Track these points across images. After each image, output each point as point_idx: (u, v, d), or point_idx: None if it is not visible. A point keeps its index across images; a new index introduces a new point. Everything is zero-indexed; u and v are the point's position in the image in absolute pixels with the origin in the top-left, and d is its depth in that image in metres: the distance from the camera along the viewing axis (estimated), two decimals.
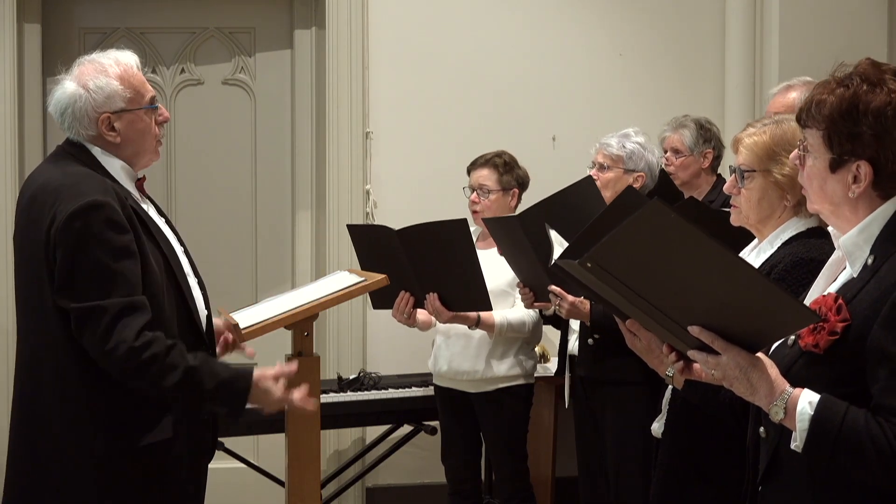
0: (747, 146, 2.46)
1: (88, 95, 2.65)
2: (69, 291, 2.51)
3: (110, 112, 2.66)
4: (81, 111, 2.65)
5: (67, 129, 2.69)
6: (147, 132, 2.71)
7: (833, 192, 1.94)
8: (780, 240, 2.45)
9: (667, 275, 1.79)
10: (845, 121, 1.90)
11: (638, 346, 2.22)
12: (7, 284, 4.85)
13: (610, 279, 1.81)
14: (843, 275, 1.97)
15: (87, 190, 2.54)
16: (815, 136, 1.95)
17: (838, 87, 1.93)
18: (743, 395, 1.88)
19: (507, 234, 3.75)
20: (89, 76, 2.68)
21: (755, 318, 1.79)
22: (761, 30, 5.38)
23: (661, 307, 1.84)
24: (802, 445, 1.82)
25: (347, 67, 5.10)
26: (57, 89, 2.71)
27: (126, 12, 5.18)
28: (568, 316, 3.62)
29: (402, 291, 3.96)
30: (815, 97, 1.95)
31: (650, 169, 3.93)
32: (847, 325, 1.84)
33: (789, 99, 3.32)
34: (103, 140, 2.67)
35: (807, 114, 1.96)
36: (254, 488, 4.97)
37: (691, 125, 4.52)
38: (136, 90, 2.70)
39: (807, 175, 1.98)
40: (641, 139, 3.95)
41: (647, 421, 3.42)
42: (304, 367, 3.07)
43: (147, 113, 2.71)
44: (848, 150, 1.90)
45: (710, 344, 1.84)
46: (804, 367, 1.90)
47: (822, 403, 1.81)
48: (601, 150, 3.95)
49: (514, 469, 4.21)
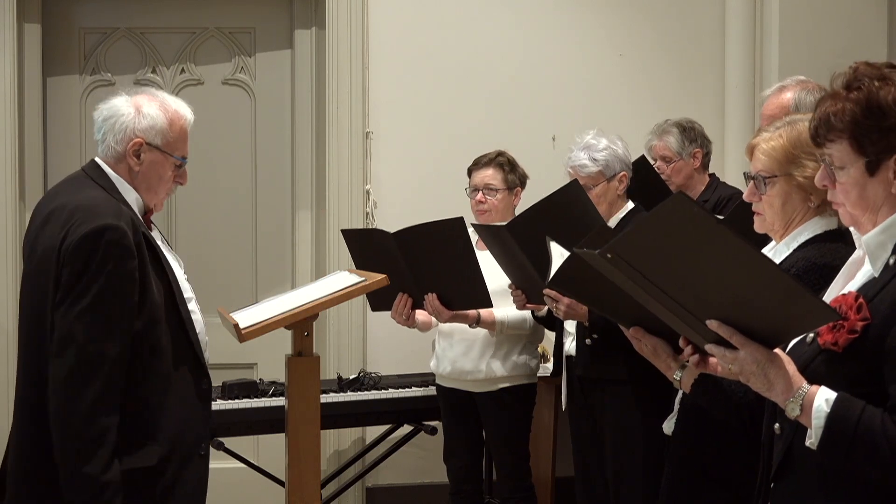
0: (765, 152, 2.43)
1: (136, 116, 2.72)
2: (61, 308, 2.55)
3: (145, 140, 2.72)
4: (121, 126, 2.71)
5: (100, 138, 2.75)
6: (164, 179, 2.77)
7: (875, 195, 1.92)
8: (797, 241, 2.43)
9: (687, 268, 1.79)
10: (871, 120, 1.88)
11: (645, 351, 2.22)
12: (7, 285, 4.85)
13: (629, 270, 1.81)
14: (862, 273, 1.96)
15: (101, 213, 2.59)
16: (840, 148, 1.93)
17: (850, 93, 1.91)
18: (759, 391, 1.88)
19: (496, 241, 3.76)
20: (145, 101, 2.76)
21: (774, 313, 1.79)
22: (761, 30, 5.38)
23: (680, 300, 1.84)
24: (818, 443, 1.82)
25: (347, 67, 5.10)
26: (110, 98, 2.77)
27: (126, 12, 5.18)
28: (565, 317, 3.62)
29: (401, 293, 3.97)
30: (827, 111, 1.93)
31: (626, 165, 3.86)
32: (867, 325, 1.84)
33: (784, 99, 3.30)
34: (125, 164, 2.73)
35: (824, 129, 1.94)
36: (254, 488, 4.97)
37: (673, 130, 4.52)
38: (177, 139, 2.77)
39: (842, 190, 1.96)
40: (605, 140, 3.86)
41: (648, 421, 3.43)
42: (304, 367, 3.07)
43: (173, 164, 2.77)
44: (883, 147, 1.89)
45: (728, 338, 1.84)
46: (822, 365, 1.89)
47: (838, 401, 1.81)
48: (577, 172, 3.83)
49: (516, 468, 4.22)
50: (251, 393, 4.42)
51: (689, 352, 2.00)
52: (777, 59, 5.27)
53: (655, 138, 4.56)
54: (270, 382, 4.51)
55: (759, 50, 5.39)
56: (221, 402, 4.33)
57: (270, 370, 4.88)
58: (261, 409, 4.36)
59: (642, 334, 2.15)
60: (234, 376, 4.59)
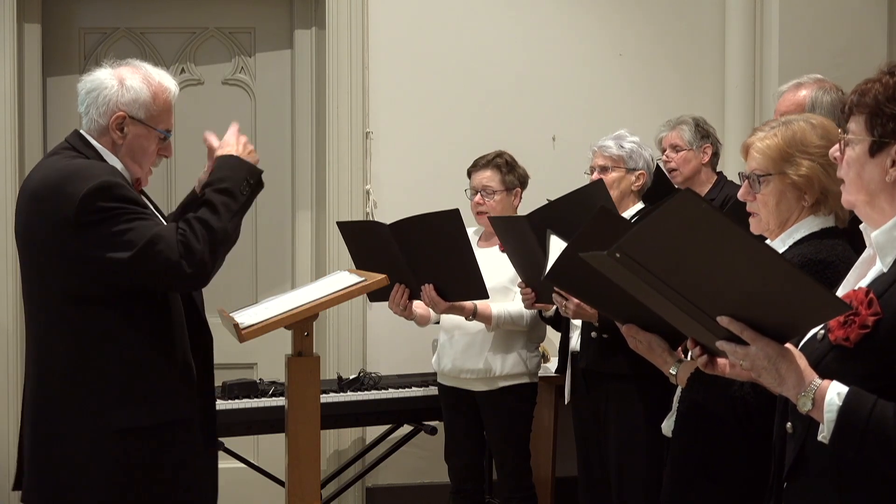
0: (759, 150, 2.44)
1: (119, 89, 2.69)
2: (115, 247, 2.54)
3: (128, 114, 2.69)
4: (104, 99, 2.68)
5: (84, 111, 2.72)
6: (147, 152, 2.74)
7: (870, 178, 1.94)
8: (793, 238, 2.43)
9: (696, 265, 1.79)
10: (891, 104, 1.91)
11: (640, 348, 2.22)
12: (7, 284, 4.85)
13: (639, 269, 1.81)
14: (873, 271, 1.97)
15: (96, 173, 2.58)
16: (858, 122, 1.96)
17: (885, 76, 1.94)
18: (770, 387, 1.88)
19: (512, 234, 3.76)
20: (129, 74, 2.72)
21: (785, 308, 1.79)
22: (761, 30, 5.38)
23: (690, 297, 1.84)
24: (829, 436, 1.82)
25: (347, 67, 5.10)
26: (94, 71, 2.74)
27: (126, 12, 5.18)
28: (574, 316, 3.61)
29: (397, 284, 3.98)
30: (862, 87, 1.97)
31: (648, 167, 3.96)
32: (878, 319, 1.84)
33: (800, 97, 3.29)
34: (108, 137, 2.69)
35: (853, 102, 1.97)
36: (254, 488, 4.97)
37: (689, 121, 4.56)
38: (161, 112, 2.74)
39: (846, 163, 1.98)
40: (636, 138, 3.99)
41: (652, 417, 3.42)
42: (304, 367, 3.07)
43: (156, 137, 2.74)
44: (889, 131, 1.91)
45: (739, 334, 1.83)
46: (834, 362, 1.89)
47: (850, 395, 1.81)
48: (599, 152, 3.96)
49: (517, 468, 4.22)
50: (251, 393, 4.43)
51: (697, 353, 2.00)
52: (777, 59, 5.27)
53: (668, 129, 4.58)
54: (270, 382, 4.51)
55: (759, 50, 5.39)
56: (221, 402, 4.33)
57: (270, 370, 4.88)
58: (261, 409, 4.37)
59: (636, 331, 2.16)
60: (234, 376, 4.60)
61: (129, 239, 2.53)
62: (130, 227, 2.54)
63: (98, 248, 2.54)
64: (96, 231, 2.54)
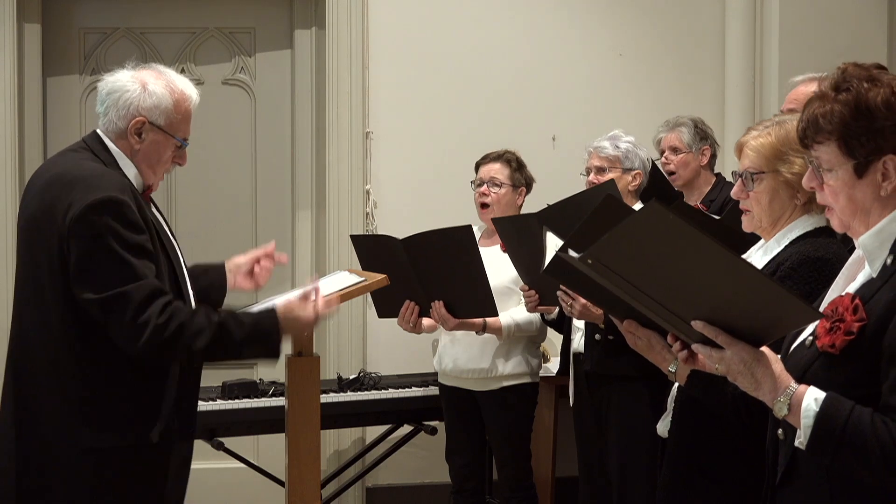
0: (753, 148, 2.45)
1: (142, 93, 2.67)
2: (88, 283, 2.51)
3: (148, 119, 2.67)
4: (125, 102, 2.66)
5: (102, 111, 2.70)
6: (162, 159, 2.73)
7: (863, 198, 1.91)
8: (788, 238, 2.44)
9: (668, 273, 1.79)
10: (860, 121, 1.87)
11: (639, 345, 2.22)
12: (7, 284, 4.85)
13: (611, 275, 1.82)
14: (862, 274, 1.95)
15: (105, 185, 2.56)
16: (828, 150, 1.91)
17: (839, 94, 1.90)
18: (747, 390, 1.87)
19: (518, 234, 3.74)
20: (151, 80, 2.70)
21: (757, 314, 1.79)
22: (761, 30, 5.38)
23: (663, 302, 1.84)
24: (806, 443, 1.81)
25: (347, 67, 5.10)
26: (116, 72, 2.72)
27: (126, 12, 5.18)
28: (580, 317, 3.60)
29: (408, 301, 3.98)
30: (816, 112, 1.92)
31: (644, 166, 3.97)
32: (863, 325, 1.83)
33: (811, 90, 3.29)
34: (126, 141, 2.68)
35: (812, 131, 1.93)
36: (254, 488, 4.97)
37: (688, 123, 4.55)
38: (181, 120, 2.72)
39: (830, 192, 1.94)
40: (631, 138, 4.00)
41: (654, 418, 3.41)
42: (304, 367, 3.06)
43: (174, 145, 2.73)
44: (872, 149, 1.87)
45: (713, 339, 1.83)
46: (821, 369, 1.88)
47: (827, 401, 1.80)
48: (595, 153, 3.96)
49: (518, 468, 4.22)
50: (251, 393, 4.42)
51: (677, 348, 1.99)
52: (777, 59, 5.27)
53: (667, 130, 4.57)
54: (270, 382, 4.51)
55: (759, 50, 5.39)
56: (221, 402, 4.34)
57: (270, 370, 4.88)
58: (261, 409, 4.36)
59: (636, 327, 2.15)
60: (234, 376, 4.59)
61: (104, 280, 2.51)
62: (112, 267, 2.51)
63: (76, 265, 2.52)
64: (84, 246, 2.52)
